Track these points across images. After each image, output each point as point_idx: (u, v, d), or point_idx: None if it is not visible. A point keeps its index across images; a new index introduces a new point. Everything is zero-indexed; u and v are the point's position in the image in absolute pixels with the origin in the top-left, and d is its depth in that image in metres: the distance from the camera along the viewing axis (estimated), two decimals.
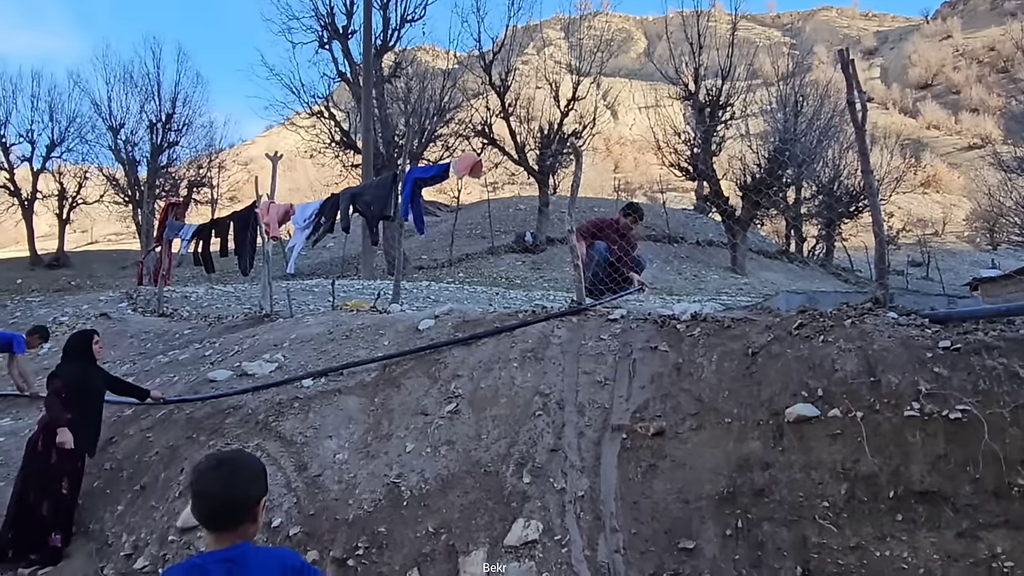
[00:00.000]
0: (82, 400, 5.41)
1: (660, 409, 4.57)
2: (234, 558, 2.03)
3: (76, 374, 5.47)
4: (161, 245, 10.93)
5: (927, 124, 74.50)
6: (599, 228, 7.51)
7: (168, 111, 27.95)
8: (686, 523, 3.96)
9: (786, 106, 21.84)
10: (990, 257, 37.33)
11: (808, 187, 24.01)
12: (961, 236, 49.58)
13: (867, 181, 4.81)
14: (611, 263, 7.26)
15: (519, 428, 4.72)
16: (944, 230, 49.42)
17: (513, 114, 22.52)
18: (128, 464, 5.52)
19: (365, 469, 4.65)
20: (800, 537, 3.74)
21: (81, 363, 5.57)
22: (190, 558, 2.00)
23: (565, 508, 4.16)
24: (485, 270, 19.77)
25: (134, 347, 8.83)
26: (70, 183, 30.05)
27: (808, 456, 3.94)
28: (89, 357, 5.62)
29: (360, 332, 6.36)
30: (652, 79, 58.44)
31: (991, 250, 42.07)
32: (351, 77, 21.84)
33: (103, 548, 4.92)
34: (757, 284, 19.21)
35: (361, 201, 7.73)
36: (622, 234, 7.38)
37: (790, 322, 4.70)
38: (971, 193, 55.01)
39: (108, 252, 35.76)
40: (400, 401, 5.22)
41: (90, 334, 5.75)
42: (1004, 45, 73.18)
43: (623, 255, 7.22)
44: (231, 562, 2.02)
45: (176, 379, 6.63)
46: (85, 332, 5.82)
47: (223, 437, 5.26)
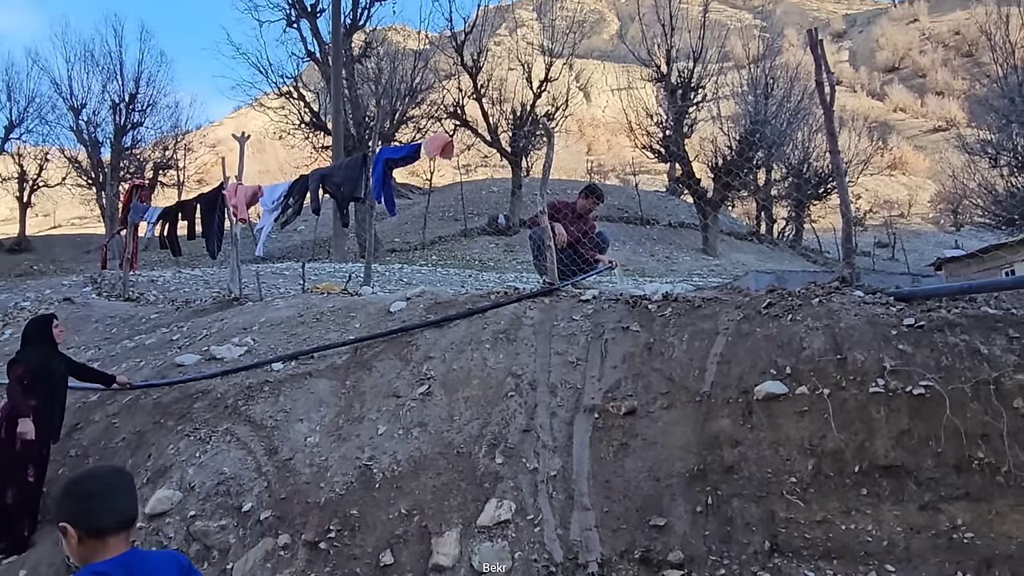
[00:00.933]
0: (45, 386, 5.27)
1: (632, 389, 4.60)
2: (132, 562, 2.07)
3: (38, 360, 5.32)
4: (126, 228, 10.68)
5: (894, 107, 75.51)
6: (555, 210, 7.37)
7: (131, 91, 27.26)
8: (657, 500, 4.00)
9: (757, 88, 21.97)
10: (953, 238, 38.11)
11: (778, 169, 24.25)
12: (926, 218, 50.53)
13: (835, 162, 4.87)
14: (571, 245, 7.17)
15: (492, 409, 4.72)
16: (910, 212, 50.31)
17: (485, 96, 22.35)
18: (94, 451, 5.42)
19: (337, 452, 4.62)
20: (768, 512, 3.80)
21: (42, 348, 5.40)
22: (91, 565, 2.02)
23: (538, 488, 4.17)
24: (458, 253, 19.69)
25: (99, 332, 8.64)
26: (31, 165, 29.22)
27: (776, 433, 4.00)
28: (50, 342, 5.48)
29: (331, 315, 6.30)
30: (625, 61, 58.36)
31: (955, 231, 42.92)
32: (320, 57, 21.49)
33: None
34: (728, 265, 19.40)
35: (331, 183, 7.62)
36: (579, 215, 7.26)
37: (759, 301, 4.76)
38: (936, 175, 56.06)
39: (71, 236, 34.93)
40: (372, 384, 5.18)
41: (49, 318, 5.61)
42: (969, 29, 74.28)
43: (581, 236, 7.14)
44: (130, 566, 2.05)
45: (143, 364, 6.51)
46: (44, 316, 5.68)
47: (191, 422, 5.19)
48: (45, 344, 5.46)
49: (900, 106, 75.39)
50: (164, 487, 4.63)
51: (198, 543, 4.38)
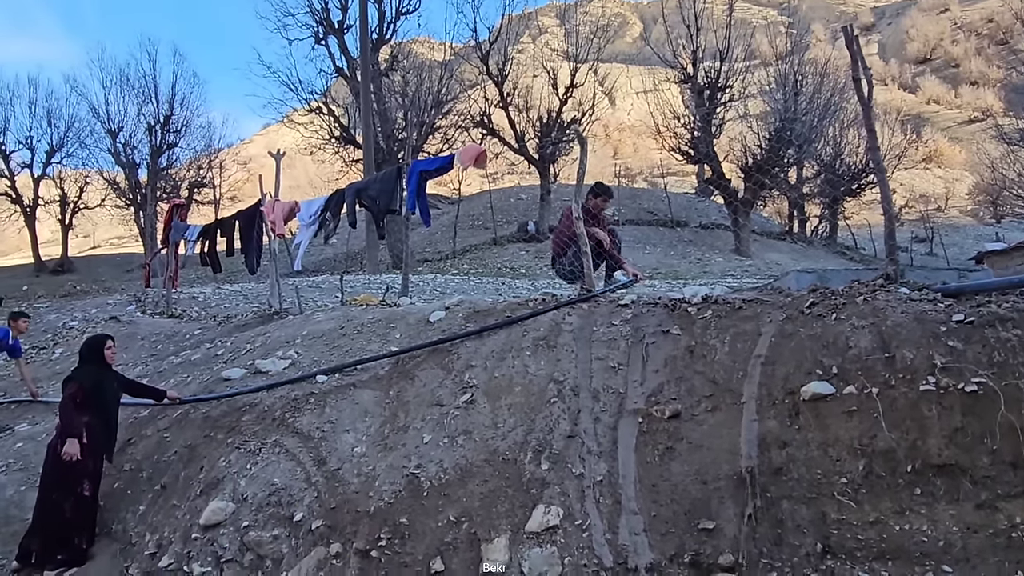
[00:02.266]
0: (98, 404, 5.45)
1: (675, 392, 4.59)
2: None
3: (91, 378, 5.51)
4: (167, 247, 10.95)
5: (927, 99, 73.97)
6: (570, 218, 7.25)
7: (166, 112, 27.92)
8: (705, 504, 3.99)
9: (786, 85, 21.71)
10: (994, 230, 37.12)
11: (810, 166, 23.91)
12: (964, 210, 49.36)
13: (875, 158, 4.82)
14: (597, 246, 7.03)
15: (535, 416, 4.75)
16: (947, 205, 49.20)
17: (512, 103, 22.44)
18: (147, 465, 5.56)
19: (384, 461, 4.69)
20: (819, 514, 3.77)
21: (95, 367, 5.60)
22: None
23: (584, 493, 4.19)
24: (489, 261, 19.77)
25: (145, 349, 8.86)
26: (71, 188, 30.07)
27: (825, 433, 3.96)
28: (102, 361, 5.65)
29: (371, 326, 6.39)
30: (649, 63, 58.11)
31: (995, 223, 41.85)
32: (348, 72, 21.80)
33: (127, 548, 4.97)
34: (762, 265, 19.18)
35: (366, 196, 7.74)
36: (594, 216, 7.16)
37: (802, 301, 4.72)
38: (973, 167, 54.74)
39: (112, 256, 35.81)
40: (415, 393, 5.24)
41: (102, 339, 5.77)
42: (1003, 16, 72.52)
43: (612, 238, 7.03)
44: None
45: (190, 379, 6.66)
46: (98, 337, 5.85)
47: (240, 435, 5.30)
48: (98, 364, 5.62)
49: (933, 98, 73.82)
50: (217, 498, 4.74)
51: (252, 553, 4.48)
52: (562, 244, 6.99)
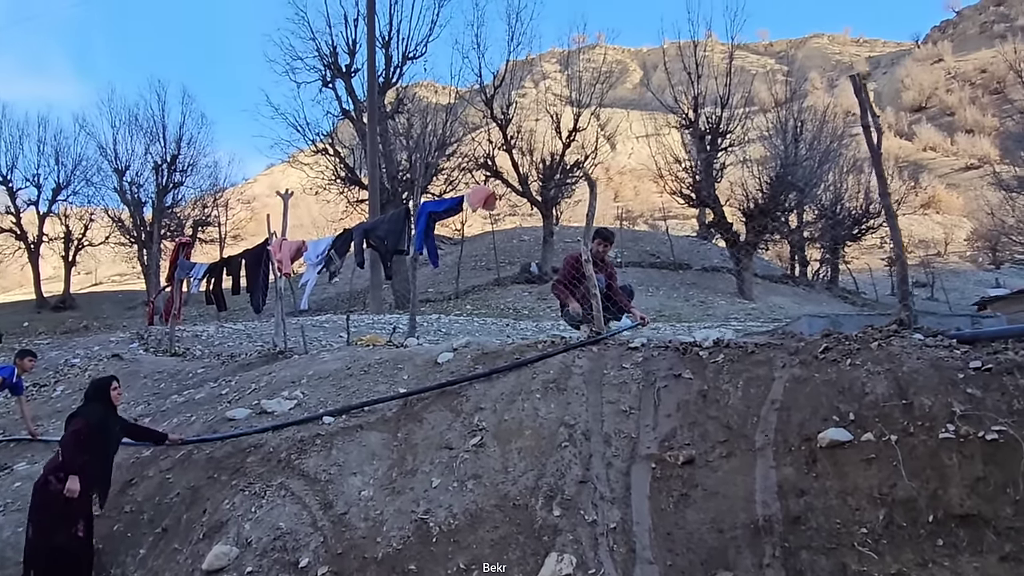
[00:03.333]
0: (99, 444, 5.39)
1: (688, 437, 4.53)
2: None
3: (96, 416, 5.48)
4: (172, 284, 10.95)
5: (923, 146, 74.93)
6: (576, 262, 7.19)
7: (173, 152, 28.19)
8: (722, 553, 3.90)
9: (786, 131, 22.01)
10: (993, 276, 37.19)
11: (811, 211, 24.11)
12: (963, 256, 49.51)
13: (885, 204, 4.84)
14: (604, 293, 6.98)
15: (546, 460, 4.67)
16: (947, 250, 49.40)
17: (515, 146, 22.71)
18: (148, 507, 5.46)
19: (391, 506, 4.60)
20: (840, 564, 3.68)
21: (101, 406, 5.58)
22: None
23: (598, 540, 4.10)
24: (492, 301, 19.76)
25: (148, 387, 8.78)
26: (76, 225, 30.23)
27: (843, 482, 3.89)
28: (108, 402, 5.64)
29: (378, 367, 6.34)
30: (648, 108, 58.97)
31: (994, 269, 41.96)
32: (355, 114, 22.11)
33: None
34: (765, 309, 19.15)
35: (374, 236, 7.77)
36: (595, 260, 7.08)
37: (815, 346, 4.69)
38: (971, 213, 55.12)
39: (114, 293, 35.80)
40: (423, 436, 5.17)
41: (109, 380, 5.78)
42: (996, 66, 73.98)
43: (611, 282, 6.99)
44: None
45: (193, 418, 6.58)
46: (105, 378, 5.86)
47: (245, 476, 5.21)
48: (104, 404, 5.61)
49: (930, 145, 74.78)
50: (221, 543, 4.63)
51: None
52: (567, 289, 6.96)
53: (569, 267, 6.98)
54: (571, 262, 7.10)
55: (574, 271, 6.82)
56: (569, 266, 6.99)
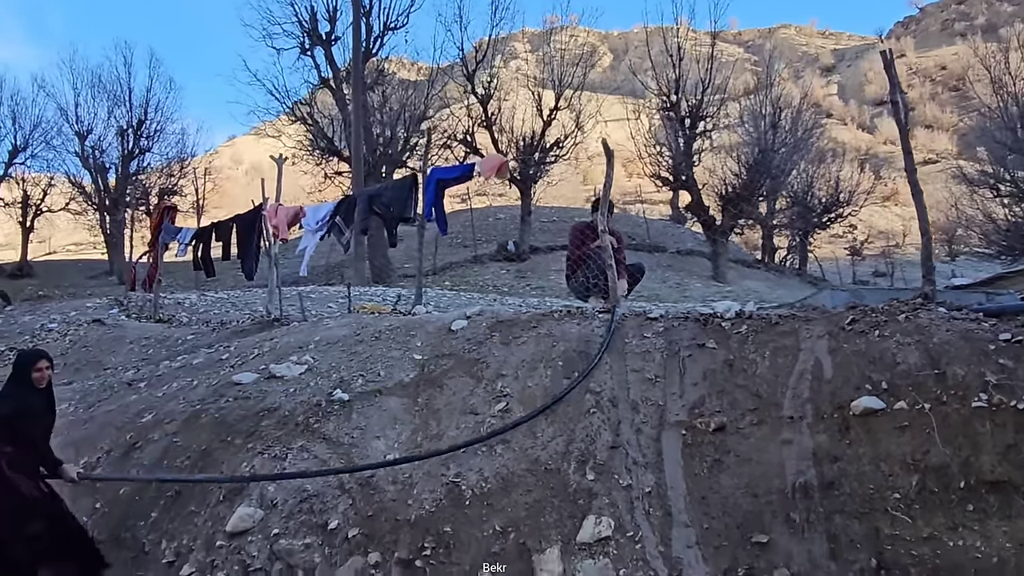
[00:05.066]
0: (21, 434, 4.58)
1: (717, 405, 4.57)
2: None
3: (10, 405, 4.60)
4: (156, 249, 10.62)
5: (884, 139, 76.66)
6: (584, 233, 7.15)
7: (140, 117, 27.30)
8: (757, 517, 3.96)
9: (765, 118, 22.31)
10: (950, 267, 38.39)
11: (783, 198, 24.55)
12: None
13: (912, 180, 4.92)
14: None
15: (574, 426, 4.68)
16: (904, 242, 50.77)
17: (495, 123, 22.55)
18: (157, 470, 5.31)
19: (420, 469, 4.56)
20: (873, 529, 3.77)
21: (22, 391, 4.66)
22: None
23: (633, 504, 4.12)
24: (470, 278, 19.69)
25: (135, 353, 8.54)
26: (34, 190, 29.12)
27: (876, 448, 3.98)
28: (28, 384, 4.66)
29: (389, 334, 6.25)
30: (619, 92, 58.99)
31: (950, 261, 43.32)
32: (334, 84, 21.67)
33: (139, 556, 4.72)
34: (740, 292, 19.48)
35: (379, 203, 7.63)
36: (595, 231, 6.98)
37: (842, 318, 4.76)
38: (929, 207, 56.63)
39: (74, 262, 34.69)
40: (445, 401, 5.13)
41: (33, 358, 4.73)
42: (955, 64, 75.96)
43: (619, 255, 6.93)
44: None
45: (195, 383, 6.41)
46: (28, 355, 4.82)
47: (262, 440, 5.10)
48: (22, 386, 4.67)
49: (890, 139, 76.48)
50: (244, 504, 4.54)
51: (281, 562, 4.29)
52: (576, 260, 6.96)
53: (576, 236, 6.97)
54: (577, 231, 7.09)
55: (582, 240, 6.81)
56: (576, 235, 6.98)
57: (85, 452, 5.90)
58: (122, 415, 6.26)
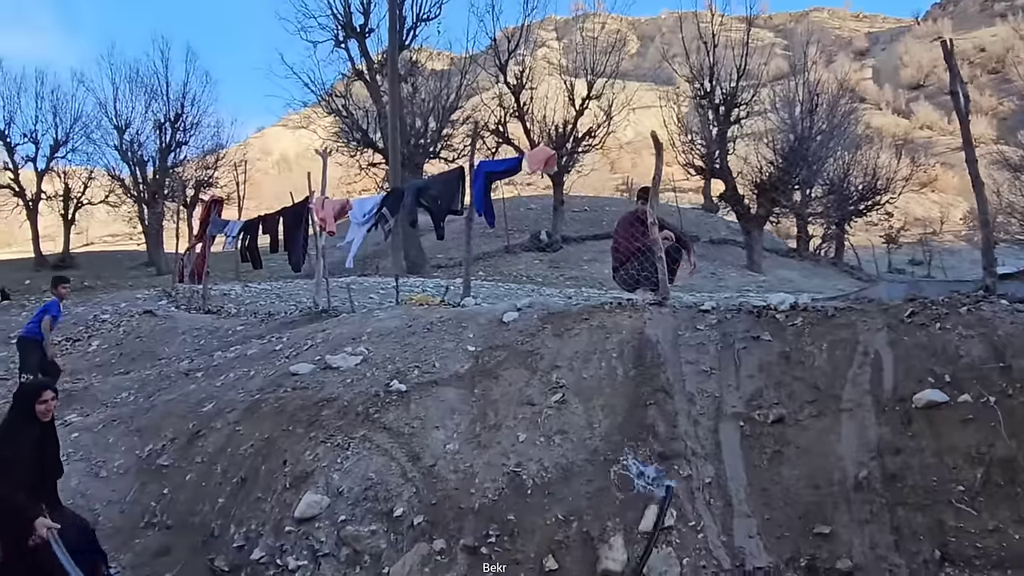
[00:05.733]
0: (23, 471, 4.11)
1: (775, 397, 4.60)
2: None
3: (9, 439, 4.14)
4: (203, 242, 10.86)
5: (920, 124, 74.98)
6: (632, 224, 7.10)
7: (176, 111, 27.77)
8: (819, 508, 3.99)
9: (801, 104, 21.97)
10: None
11: (820, 186, 24.20)
12: (959, 235, 49.96)
13: (972, 171, 4.86)
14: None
15: (631, 417, 4.74)
16: (942, 229, 49.78)
17: (527, 113, 22.54)
18: (221, 457, 5.48)
19: (480, 459, 4.66)
20: (936, 521, 3.78)
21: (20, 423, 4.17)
22: None
23: (694, 494, 4.18)
24: (504, 268, 19.78)
25: (188, 343, 8.77)
26: (75, 183, 29.78)
27: (939, 441, 3.98)
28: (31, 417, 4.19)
29: (441, 325, 6.35)
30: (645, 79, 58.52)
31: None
32: (368, 76, 21.81)
33: (209, 540, 4.89)
34: (775, 282, 19.30)
35: (427, 195, 7.72)
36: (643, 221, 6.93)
37: (901, 310, 4.75)
38: (966, 193, 55.48)
39: (113, 253, 35.48)
40: (501, 392, 5.22)
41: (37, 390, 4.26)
42: (995, 46, 73.93)
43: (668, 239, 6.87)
44: None
45: (252, 373, 6.59)
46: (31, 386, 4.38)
47: (323, 429, 5.24)
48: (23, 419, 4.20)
49: (926, 124, 74.78)
50: (311, 492, 4.68)
51: (348, 547, 4.43)
52: (624, 252, 6.97)
53: (624, 228, 6.98)
54: (626, 223, 7.08)
55: (631, 232, 6.82)
56: (625, 226, 6.98)
57: (149, 440, 6.12)
58: (183, 404, 6.46)
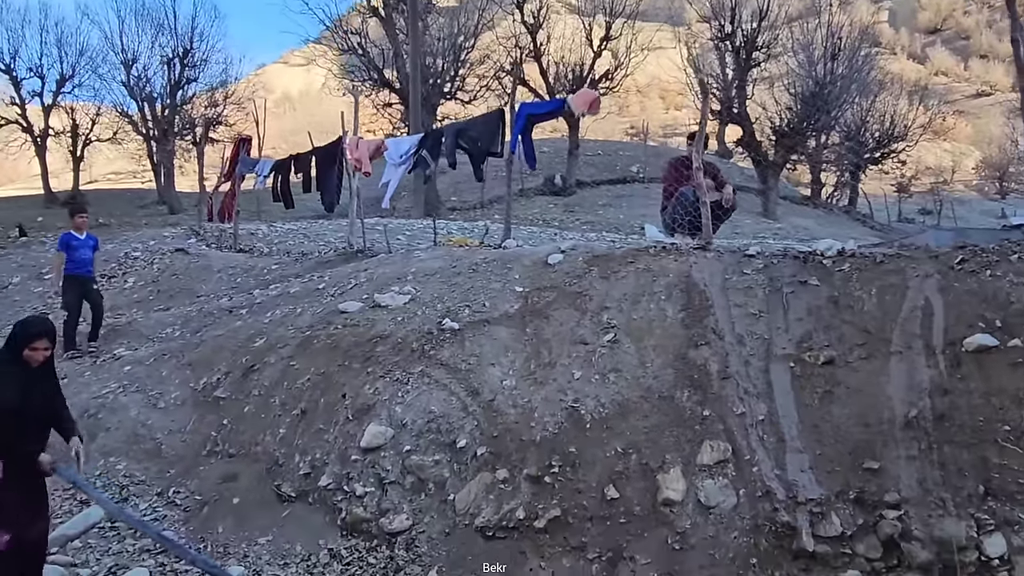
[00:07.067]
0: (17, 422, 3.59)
1: (825, 340, 4.74)
2: None
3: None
4: (233, 181, 10.89)
5: (935, 71, 73.52)
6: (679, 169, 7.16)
7: (185, 46, 27.22)
8: (869, 445, 4.18)
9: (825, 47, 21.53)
10: (999, 206, 37.41)
11: (838, 132, 23.93)
12: (969, 185, 49.63)
13: None
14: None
15: (683, 357, 4.90)
16: (953, 179, 49.40)
17: (544, 53, 22.16)
18: (278, 391, 5.67)
19: (538, 395, 4.84)
20: (981, 458, 3.96)
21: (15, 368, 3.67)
22: None
23: (748, 431, 4.37)
24: (519, 212, 19.72)
25: (224, 281, 8.91)
26: (83, 119, 29.42)
27: (988, 384, 4.14)
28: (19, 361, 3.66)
29: (486, 266, 6.47)
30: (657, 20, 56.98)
31: (999, 199, 42.17)
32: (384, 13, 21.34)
33: (273, 468, 5.12)
34: (790, 229, 19.31)
35: (467, 137, 7.74)
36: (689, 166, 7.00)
37: (951, 257, 4.86)
38: (979, 142, 54.87)
39: (121, 191, 35.33)
40: (553, 331, 5.37)
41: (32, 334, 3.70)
42: None
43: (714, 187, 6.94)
44: None
45: (299, 311, 6.73)
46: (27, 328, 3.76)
47: (379, 364, 5.42)
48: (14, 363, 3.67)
49: (942, 70, 73.32)
50: (374, 423, 4.88)
51: (413, 476, 4.65)
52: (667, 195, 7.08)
53: (671, 171, 7.05)
54: (672, 167, 7.15)
55: (677, 176, 6.88)
56: (671, 170, 7.05)
57: (203, 373, 6.31)
58: (233, 339, 6.62)
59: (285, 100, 71.74)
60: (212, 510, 4.97)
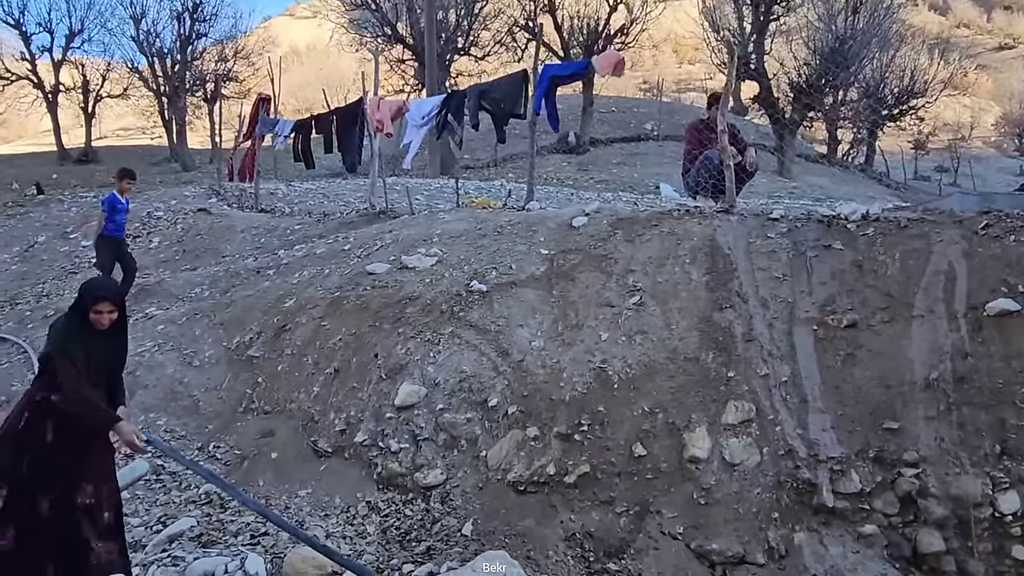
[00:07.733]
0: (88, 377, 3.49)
1: (848, 303, 4.84)
2: None
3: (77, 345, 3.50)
4: (253, 140, 10.93)
5: (958, 23, 71.63)
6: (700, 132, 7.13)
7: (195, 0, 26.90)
8: (889, 406, 4.31)
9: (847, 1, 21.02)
10: (1018, 163, 36.86)
11: (857, 89, 23.52)
12: (988, 141, 48.81)
13: None
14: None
15: (708, 319, 5.02)
16: (971, 135, 48.55)
17: (559, 8, 21.79)
18: (311, 350, 5.84)
19: (566, 355, 4.98)
20: (999, 419, 4.10)
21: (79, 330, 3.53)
22: None
23: (771, 391, 4.51)
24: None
25: (248, 242, 9.04)
26: (93, 75, 29.27)
27: (1008, 347, 4.25)
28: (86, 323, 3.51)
29: (511, 229, 6.56)
30: None
31: (1018, 156, 41.52)
32: None
33: (309, 425, 5.31)
34: (806, 188, 19.20)
35: (490, 98, 7.74)
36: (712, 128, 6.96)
37: (975, 222, 4.92)
38: (999, 97, 53.78)
39: (133, 148, 35.29)
40: (579, 294, 5.49)
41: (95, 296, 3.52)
42: None
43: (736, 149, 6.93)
44: None
45: (327, 272, 6.87)
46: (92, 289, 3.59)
47: (410, 325, 5.57)
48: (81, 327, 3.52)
49: (964, 22, 71.42)
50: (407, 382, 5.05)
51: (445, 433, 4.83)
52: (689, 158, 7.10)
53: (692, 134, 7.07)
54: (695, 129, 7.17)
55: (699, 139, 6.91)
56: (693, 133, 7.07)
57: (235, 332, 6.50)
58: (263, 299, 6.79)
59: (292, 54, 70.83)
60: (252, 464, 5.17)
